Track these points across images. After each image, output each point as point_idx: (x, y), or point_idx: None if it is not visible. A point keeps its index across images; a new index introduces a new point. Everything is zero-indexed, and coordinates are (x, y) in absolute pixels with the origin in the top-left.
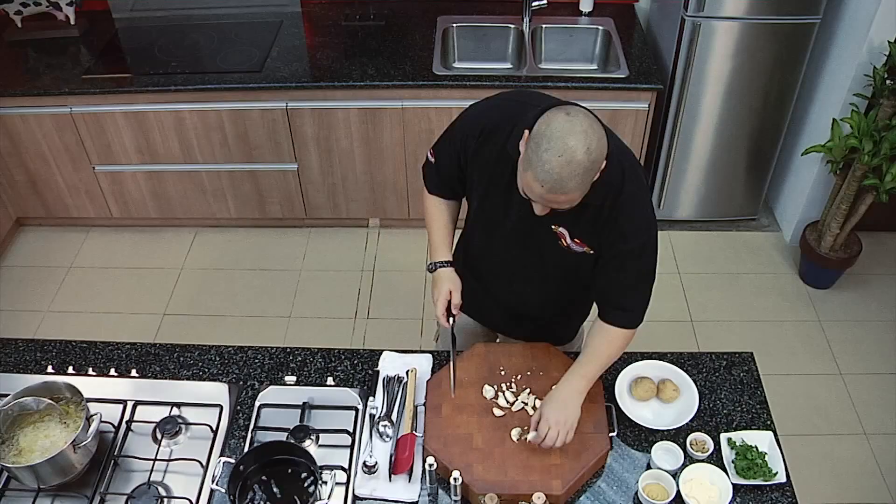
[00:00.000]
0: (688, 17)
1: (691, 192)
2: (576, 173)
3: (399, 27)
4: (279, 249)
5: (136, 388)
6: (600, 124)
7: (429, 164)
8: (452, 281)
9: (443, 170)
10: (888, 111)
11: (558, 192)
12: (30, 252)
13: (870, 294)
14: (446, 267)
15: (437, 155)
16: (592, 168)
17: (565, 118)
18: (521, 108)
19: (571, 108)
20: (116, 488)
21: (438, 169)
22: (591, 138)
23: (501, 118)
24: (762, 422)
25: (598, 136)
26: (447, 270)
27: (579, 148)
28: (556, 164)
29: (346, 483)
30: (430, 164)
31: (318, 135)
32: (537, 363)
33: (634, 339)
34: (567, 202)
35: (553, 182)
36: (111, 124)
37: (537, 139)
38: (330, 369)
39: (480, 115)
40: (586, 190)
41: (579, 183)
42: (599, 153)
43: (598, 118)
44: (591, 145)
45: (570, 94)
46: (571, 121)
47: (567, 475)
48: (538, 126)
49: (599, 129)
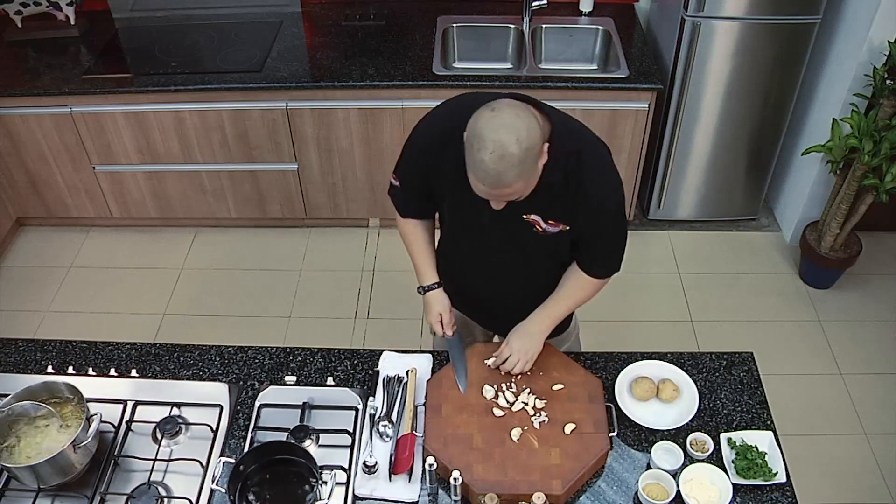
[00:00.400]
0: (688, 17)
1: (691, 192)
2: (511, 165)
3: (399, 27)
4: (279, 249)
5: (136, 388)
6: (528, 111)
7: (395, 188)
8: (441, 303)
9: (411, 190)
10: (888, 111)
11: (501, 187)
12: (30, 252)
13: (870, 294)
14: (435, 289)
15: (401, 177)
16: (528, 155)
17: (490, 114)
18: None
19: (496, 103)
20: (116, 488)
21: (406, 191)
22: (519, 127)
23: (453, 124)
24: (762, 422)
25: (527, 123)
26: (436, 293)
27: (508, 140)
28: (489, 161)
29: (346, 483)
30: (396, 188)
31: (318, 135)
32: (537, 363)
33: (635, 339)
34: (515, 193)
35: (492, 178)
36: (111, 124)
37: (469, 140)
38: (330, 369)
39: (434, 126)
40: (532, 176)
41: (519, 172)
42: (531, 139)
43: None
44: (520, 134)
45: (570, 94)
46: (496, 115)
47: (567, 475)
48: (468, 127)
49: (527, 116)
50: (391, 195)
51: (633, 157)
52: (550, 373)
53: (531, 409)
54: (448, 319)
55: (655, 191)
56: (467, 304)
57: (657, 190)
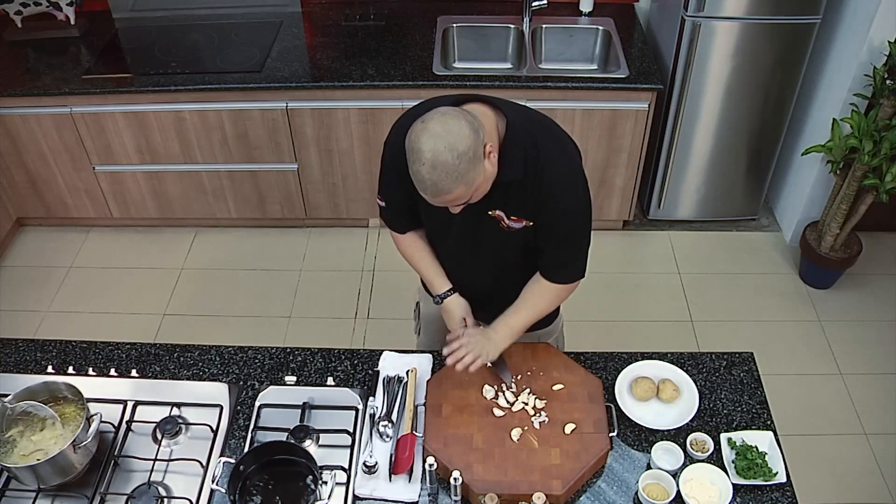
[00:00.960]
0: (688, 17)
1: (691, 192)
2: (447, 172)
3: (399, 27)
4: (279, 249)
5: (136, 388)
6: (460, 116)
7: (383, 209)
8: (463, 307)
9: (398, 206)
10: (888, 111)
11: (442, 194)
12: (30, 252)
13: (870, 294)
14: (451, 295)
15: (385, 197)
16: (462, 161)
17: (420, 126)
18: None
19: (427, 114)
20: (116, 488)
21: (393, 208)
22: (449, 135)
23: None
24: (762, 422)
25: (457, 129)
26: (453, 299)
27: (439, 149)
28: (425, 172)
29: (346, 483)
30: (384, 209)
31: (318, 135)
32: (537, 363)
33: (635, 339)
34: (461, 198)
35: (432, 188)
36: (111, 124)
37: (407, 154)
38: (330, 369)
39: (394, 140)
40: (473, 180)
41: (456, 178)
42: (465, 144)
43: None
44: (451, 140)
45: (570, 94)
46: (425, 127)
47: (567, 475)
48: (405, 142)
49: (456, 122)
50: (382, 217)
51: (633, 157)
52: (550, 373)
53: (531, 409)
54: (472, 322)
55: (655, 191)
56: None
57: (657, 190)
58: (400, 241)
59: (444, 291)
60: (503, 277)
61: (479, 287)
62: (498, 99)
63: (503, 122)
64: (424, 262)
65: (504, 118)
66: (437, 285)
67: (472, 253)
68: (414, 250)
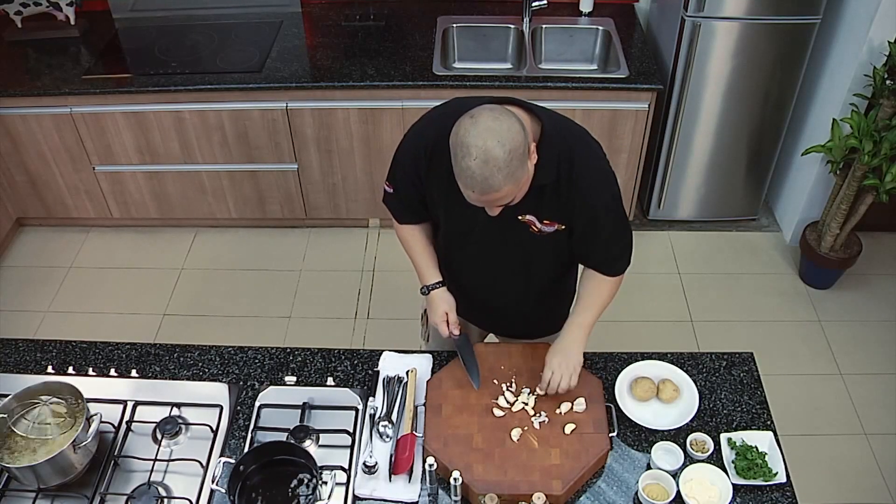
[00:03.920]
0: (688, 17)
1: (691, 192)
2: (497, 168)
3: (399, 27)
4: (279, 249)
5: (136, 389)
6: (509, 114)
7: (389, 195)
8: (446, 301)
9: (405, 197)
10: (888, 111)
11: (490, 192)
12: (30, 252)
13: (870, 294)
14: (438, 288)
15: (394, 185)
16: (513, 157)
17: (469, 122)
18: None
19: (475, 110)
20: (116, 488)
21: (400, 198)
22: (500, 131)
23: (442, 132)
24: (762, 422)
25: (508, 125)
26: (440, 291)
27: (490, 145)
28: (475, 168)
29: (346, 483)
30: (390, 195)
31: (318, 135)
32: (537, 363)
33: (635, 339)
34: (506, 197)
35: (480, 185)
36: (111, 124)
37: (453, 150)
38: (330, 369)
39: (422, 134)
40: (521, 178)
41: (506, 176)
42: (514, 141)
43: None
44: (501, 137)
45: (570, 95)
46: (475, 122)
47: (567, 475)
48: (451, 138)
49: (507, 118)
50: (386, 202)
51: (633, 158)
52: None
53: (531, 409)
54: (454, 318)
55: (655, 191)
56: (466, 305)
57: (657, 190)
58: (399, 227)
59: (433, 283)
60: (524, 287)
61: (497, 296)
62: (531, 103)
63: (538, 126)
64: (418, 249)
65: (539, 122)
66: (428, 276)
67: (496, 260)
68: (410, 238)
